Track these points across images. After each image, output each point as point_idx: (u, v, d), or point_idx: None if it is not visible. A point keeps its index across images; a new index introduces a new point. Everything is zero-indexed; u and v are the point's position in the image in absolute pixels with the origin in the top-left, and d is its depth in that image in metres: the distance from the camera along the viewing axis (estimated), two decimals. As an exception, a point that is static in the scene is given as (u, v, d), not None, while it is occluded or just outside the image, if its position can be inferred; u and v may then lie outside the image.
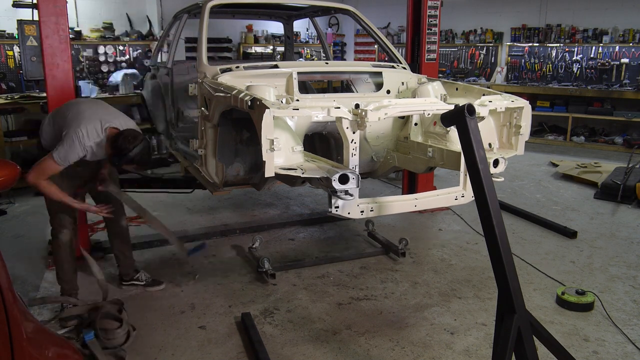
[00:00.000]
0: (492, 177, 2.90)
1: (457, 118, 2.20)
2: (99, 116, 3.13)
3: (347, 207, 2.62)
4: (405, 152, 3.59)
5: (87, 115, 3.11)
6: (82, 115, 3.11)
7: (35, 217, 5.22)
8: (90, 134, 3.05)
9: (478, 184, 2.19)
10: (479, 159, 2.17)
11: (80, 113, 3.14)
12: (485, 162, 2.19)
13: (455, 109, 2.20)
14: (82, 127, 3.03)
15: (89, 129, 3.05)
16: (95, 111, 3.19)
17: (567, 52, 9.59)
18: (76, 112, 3.15)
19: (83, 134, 3.02)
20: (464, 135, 2.19)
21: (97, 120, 3.09)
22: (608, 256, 4.30)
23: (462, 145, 2.23)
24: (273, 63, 3.62)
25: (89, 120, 3.08)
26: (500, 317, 2.22)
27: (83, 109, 3.20)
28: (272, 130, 2.43)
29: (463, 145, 2.23)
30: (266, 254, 4.30)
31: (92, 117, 3.10)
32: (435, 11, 5.13)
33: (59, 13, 3.73)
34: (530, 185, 6.39)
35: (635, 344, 3.03)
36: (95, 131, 3.06)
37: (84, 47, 7.39)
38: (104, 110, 3.24)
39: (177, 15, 4.94)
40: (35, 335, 1.50)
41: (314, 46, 10.72)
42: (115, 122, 3.15)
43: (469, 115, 2.15)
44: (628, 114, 8.66)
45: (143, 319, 3.30)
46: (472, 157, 2.19)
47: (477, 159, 2.17)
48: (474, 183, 2.22)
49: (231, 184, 3.59)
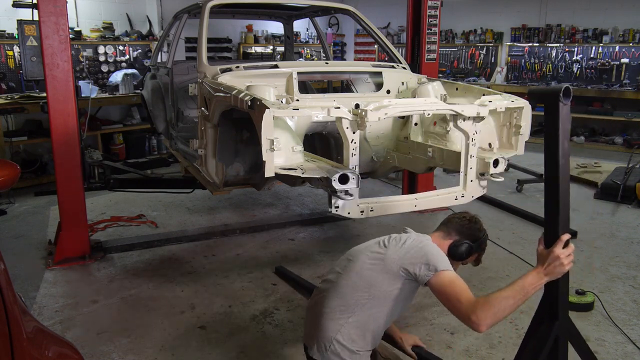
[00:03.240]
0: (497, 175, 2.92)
1: (550, 99, 1.83)
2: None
3: (347, 207, 2.62)
4: (405, 152, 3.59)
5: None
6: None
7: (35, 217, 5.23)
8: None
9: (553, 177, 1.88)
10: (561, 152, 1.83)
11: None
12: (567, 157, 1.87)
13: (551, 87, 1.84)
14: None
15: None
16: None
17: (567, 52, 9.59)
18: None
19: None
20: (552, 120, 1.83)
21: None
22: (608, 256, 4.30)
23: (546, 131, 1.88)
24: (273, 63, 3.63)
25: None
26: (538, 321, 2.03)
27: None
28: (272, 130, 2.43)
29: (547, 132, 1.87)
30: (266, 254, 4.31)
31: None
32: (435, 11, 5.13)
33: (59, 13, 3.73)
34: (530, 185, 6.38)
35: (635, 344, 3.03)
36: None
37: (84, 47, 7.38)
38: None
39: (177, 15, 4.95)
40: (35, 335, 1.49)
41: (314, 46, 10.72)
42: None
43: (563, 100, 1.81)
44: (628, 114, 8.66)
45: (143, 318, 3.30)
46: (555, 148, 1.84)
47: (560, 152, 1.83)
48: (548, 177, 1.92)
49: (231, 184, 3.59)
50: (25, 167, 6.15)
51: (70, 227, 4.04)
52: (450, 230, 2.36)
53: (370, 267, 2.19)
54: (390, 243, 2.27)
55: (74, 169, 4.00)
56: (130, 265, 4.10)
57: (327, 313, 2.18)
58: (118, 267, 4.05)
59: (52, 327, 3.16)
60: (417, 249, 2.15)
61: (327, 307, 2.20)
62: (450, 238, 2.34)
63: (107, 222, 4.98)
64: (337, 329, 2.13)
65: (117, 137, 7.37)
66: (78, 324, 3.24)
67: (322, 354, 2.14)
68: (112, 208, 5.46)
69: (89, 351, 2.92)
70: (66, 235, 4.03)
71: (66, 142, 3.92)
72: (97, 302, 3.51)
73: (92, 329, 3.18)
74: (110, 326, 3.21)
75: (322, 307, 2.22)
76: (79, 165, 4.03)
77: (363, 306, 2.14)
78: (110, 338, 3.08)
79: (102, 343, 3.03)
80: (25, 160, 6.33)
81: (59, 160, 3.94)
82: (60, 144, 3.91)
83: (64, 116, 3.87)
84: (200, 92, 3.59)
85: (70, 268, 3.99)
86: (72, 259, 4.05)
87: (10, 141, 6.07)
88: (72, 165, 3.98)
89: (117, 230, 4.86)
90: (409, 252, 2.15)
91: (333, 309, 2.18)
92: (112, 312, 3.39)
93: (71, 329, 3.18)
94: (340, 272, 2.29)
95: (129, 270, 3.99)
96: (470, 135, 2.85)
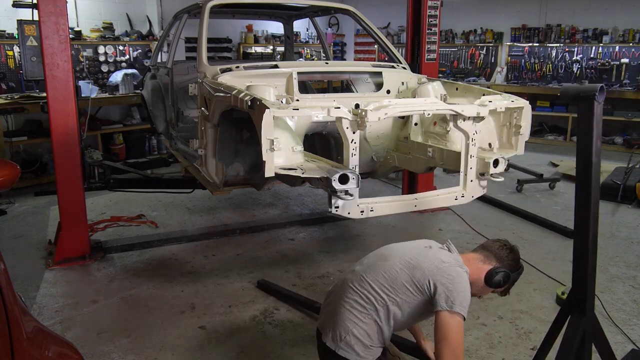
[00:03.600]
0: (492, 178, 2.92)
1: (585, 98, 1.85)
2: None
3: (347, 207, 2.62)
4: (405, 152, 3.59)
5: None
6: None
7: (35, 217, 5.23)
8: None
9: (585, 177, 1.94)
10: (594, 151, 1.88)
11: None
12: (599, 156, 1.92)
13: (586, 86, 1.87)
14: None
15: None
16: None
17: (567, 52, 9.59)
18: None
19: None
20: (587, 119, 1.87)
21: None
22: (608, 256, 4.30)
23: (580, 130, 1.92)
24: (273, 63, 3.62)
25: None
26: (564, 315, 2.12)
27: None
28: (272, 130, 2.43)
29: (580, 131, 1.91)
30: (266, 254, 4.31)
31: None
32: (435, 11, 5.13)
33: (59, 13, 3.73)
34: (530, 185, 6.38)
35: (635, 344, 3.03)
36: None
37: (84, 47, 7.38)
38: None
39: (177, 15, 4.95)
40: (35, 335, 1.49)
41: (314, 46, 10.72)
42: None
43: (599, 98, 1.83)
44: (628, 114, 8.66)
45: (143, 318, 3.30)
46: (588, 147, 1.89)
47: (593, 151, 1.88)
48: (580, 176, 1.98)
49: (231, 184, 3.59)
50: (25, 167, 6.15)
51: (70, 227, 4.04)
52: (490, 256, 2.32)
53: (399, 271, 2.20)
54: (427, 255, 2.26)
55: (74, 169, 4.00)
56: (130, 265, 4.10)
57: (349, 305, 2.19)
58: (118, 267, 4.05)
59: (52, 327, 3.16)
60: (449, 277, 2.13)
61: (349, 299, 2.21)
62: (490, 264, 2.30)
63: (107, 222, 4.98)
64: (356, 323, 2.15)
65: (117, 137, 7.37)
66: (78, 324, 3.24)
67: (336, 343, 2.15)
68: (112, 208, 5.46)
69: (89, 351, 2.92)
70: (66, 235, 4.03)
71: (66, 142, 3.92)
72: (97, 302, 3.51)
73: (92, 329, 3.18)
74: (110, 326, 3.21)
75: (344, 298, 2.23)
76: (79, 165, 4.03)
77: (384, 306, 2.16)
78: (110, 338, 3.08)
79: (102, 343, 3.03)
80: (25, 160, 6.33)
81: (59, 160, 3.94)
82: (60, 144, 3.91)
83: (64, 116, 3.87)
84: (200, 92, 3.59)
85: (70, 268, 3.99)
86: (72, 259, 4.05)
87: (10, 141, 6.07)
88: (72, 165, 3.98)
89: (117, 230, 4.86)
90: (441, 273, 2.15)
91: (355, 302, 2.19)
92: (112, 312, 3.39)
93: (71, 329, 3.18)
94: (368, 267, 2.29)
95: (129, 270, 3.99)
96: (470, 135, 2.84)
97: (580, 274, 2.10)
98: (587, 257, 2.06)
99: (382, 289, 2.17)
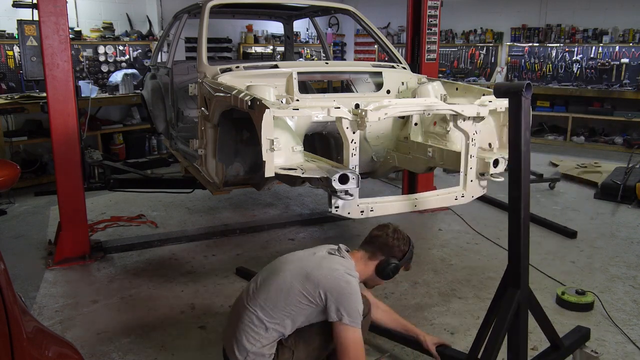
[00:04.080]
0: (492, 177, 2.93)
1: (514, 93, 2.13)
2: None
3: (347, 207, 2.62)
4: (405, 152, 3.59)
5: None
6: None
7: (35, 217, 5.23)
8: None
9: (517, 163, 2.19)
10: (523, 140, 2.15)
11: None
12: (528, 145, 2.19)
13: (515, 83, 2.15)
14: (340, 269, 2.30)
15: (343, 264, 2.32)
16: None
17: (567, 52, 9.59)
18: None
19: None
20: (516, 112, 2.14)
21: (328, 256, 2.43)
22: (608, 256, 4.30)
23: (510, 122, 2.19)
24: (273, 63, 3.62)
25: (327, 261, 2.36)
26: (503, 289, 2.34)
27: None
28: (272, 130, 2.43)
29: (511, 123, 2.19)
30: (266, 254, 4.31)
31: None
32: (435, 11, 5.13)
33: (59, 13, 3.73)
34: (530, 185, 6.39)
35: (635, 344, 3.03)
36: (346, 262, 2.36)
37: (84, 47, 7.38)
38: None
39: (177, 15, 4.95)
40: (35, 335, 1.49)
41: (314, 46, 10.72)
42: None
43: (526, 94, 2.10)
44: (628, 114, 8.66)
45: (143, 319, 3.30)
46: (518, 137, 2.16)
47: (522, 140, 2.15)
48: (512, 161, 2.22)
49: (231, 184, 3.59)
50: (25, 167, 6.15)
51: (70, 227, 4.04)
52: (375, 250, 2.42)
53: (290, 284, 2.25)
54: (320, 264, 2.31)
55: (74, 169, 4.00)
56: (130, 265, 4.10)
57: (246, 327, 2.24)
58: (118, 267, 4.05)
59: (52, 327, 3.16)
60: (339, 288, 2.19)
61: (244, 320, 2.25)
62: (376, 259, 2.39)
63: (107, 222, 4.98)
64: (253, 344, 2.20)
65: (117, 137, 7.37)
66: (78, 324, 3.24)
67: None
68: (112, 208, 5.46)
69: (89, 351, 2.92)
70: (66, 235, 4.03)
71: (66, 142, 3.92)
72: (97, 302, 3.51)
73: (92, 329, 3.18)
74: (110, 326, 3.21)
75: (240, 319, 2.27)
76: (79, 165, 4.03)
77: (279, 323, 2.22)
78: (110, 338, 3.08)
79: (102, 343, 3.03)
80: (25, 160, 6.33)
81: (59, 160, 3.94)
82: (60, 144, 3.91)
83: (64, 116, 3.87)
84: (200, 92, 3.59)
85: (70, 268, 3.99)
86: (72, 259, 4.05)
87: (10, 141, 6.07)
88: (72, 165, 3.98)
89: (117, 230, 4.86)
90: (330, 284, 2.20)
91: (251, 323, 2.23)
92: (112, 312, 3.39)
93: (71, 329, 3.18)
94: (261, 284, 2.34)
95: (129, 270, 3.99)
96: (470, 135, 2.85)
97: (514, 251, 2.28)
98: (519, 235, 2.24)
99: (274, 306, 2.21)
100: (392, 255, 2.42)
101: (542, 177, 6.54)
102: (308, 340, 2.28)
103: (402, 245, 2.44)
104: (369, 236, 2.51)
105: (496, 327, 2.30)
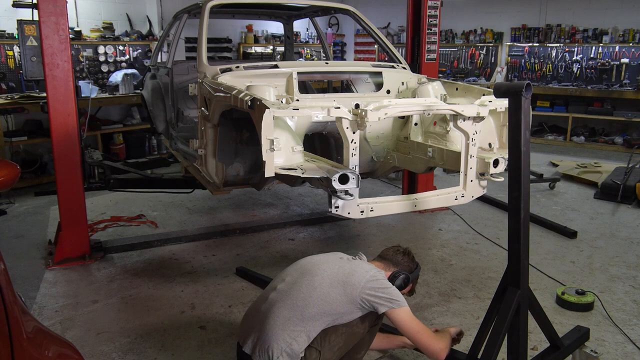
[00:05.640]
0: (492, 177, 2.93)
1: (514, 93, 2.13)
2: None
3: (347, 207, 2.62)
4: (405, 152, 3.59)
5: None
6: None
7: (35, 217, 5.23)
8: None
9: (516, 162, 2.20)
10: (523, 139, 2.16)
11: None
12: (528, 145, 2.20)
13: (515, 83, 2.15)
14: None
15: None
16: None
17: (567, 52, 9.59)
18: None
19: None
20: (516, 112, 2.15)
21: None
22: (608, 256, 4.30)
23: (510, 122, 2.20)
24: (273, 63, 3.62)
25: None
26: (503, 289, 2.36)
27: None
28: (272, 130, 2.43)
29: (511, 123, 2.20)
30: (266, 254, 4.31)
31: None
32: (435, 11, 5.13)
33: (59, 13, 3.73)
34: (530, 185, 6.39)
35: (635, 344, 3.03)
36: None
37: (84, 47, 7.38)
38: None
39: (177, 15, 4.95)
40: (35, 335, 1.49)
41: (314, 46, 10.72)
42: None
43: (525, 94, 2.09)
44: (628, 114, 8.66)
45: (143, 319, 3.30)
46: (518, 137, 2.17)
47: (522, 139, 2.16)
48: (512, 161, 2.23)
49: (231, 184, 3.59)
50: (25, 167, 6.15)
51: (70, 227, 4.04)
52: (388, 263, 2.63)
53: (329, 287, 2.34)
54: (354, 269, 2.42)
55: (74, 169, 4.00)
56: (130, 265, 4.10)
57: (280, 324, 2.28)
58: (118, 267, 4.06)
59: (52, 327, 3.16)
60: (380, 284, 2.37)
61: (277, 316, 2.30)
62: (389, 270, 2.60)
63: (107, 222, 4.98)
64: (289, 343, 2.24)
65: (117, 137, 7.37)
66: (78, 324, 3.24)
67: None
68: (112, 208, 5.47)
69: (89, 351, 2.92)
70: (66, 235, 4.03)
71: (66, 142, 3.92)
72: (97, 302, 3.51)
73: (92, 329, 3.18)
74: (110, 326, 3.21)
75: (272, 317, 2.31)
76: (79, 165, 4.03)
77: (318, 320, 2.29)
78: (110, 338, 3.08)
79: (102, 343, 3.03)
80: (25, 160, 6.33)
81: (59, 160, 3.94)
82: (60, 144, 3.91)
83: (64, 116, 3.87)
84: (200, 92, 3.59)
85: (70, 268, 3.99)
86: (72, 259, 4.05)
87: (10, 141, 6.07)
88: (72, 165, 3.98)
89: (117, 230, 4.87)
90: (371, 285, 2.35)
91: (287, 320, 2.28)
92: (112, 312, 3.39)
93: (71, 329, 3.18)
94: (293, 284, 2.41)
95: (129, 270, 3.99)
96: (470, 135, 2.84)
97: (514, 251, 2.29)
98: (519, 235, 2.25)
99: (308, 306, 2.30)
100: (403, 269, 2.61)
101: (542, 177, 6.54)
102: (333, 341, 2.35)
103: (410, 264, 2.66)
104: (382, 252, 2.73)
105: (496, 327, 2.32)
